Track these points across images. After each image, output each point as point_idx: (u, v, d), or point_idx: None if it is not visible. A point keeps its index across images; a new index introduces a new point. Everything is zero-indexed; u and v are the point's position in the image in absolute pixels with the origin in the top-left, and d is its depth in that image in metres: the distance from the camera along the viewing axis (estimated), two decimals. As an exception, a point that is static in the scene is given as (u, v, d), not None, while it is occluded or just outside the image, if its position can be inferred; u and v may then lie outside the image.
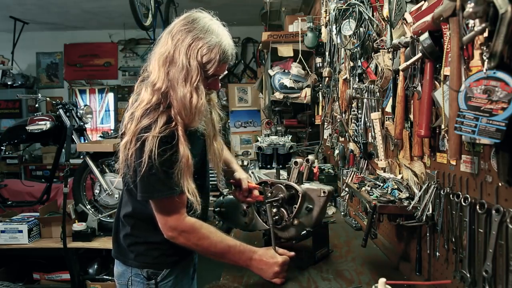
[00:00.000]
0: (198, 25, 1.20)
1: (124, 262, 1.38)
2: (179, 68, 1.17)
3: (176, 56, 1.18)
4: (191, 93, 1.18)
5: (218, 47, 1.20)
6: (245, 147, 6.08)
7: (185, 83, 1.17)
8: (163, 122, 1.17)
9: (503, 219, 0.94)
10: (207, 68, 1.21)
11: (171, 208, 1.22)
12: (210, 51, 1.19)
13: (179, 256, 1.38)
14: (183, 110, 1.18)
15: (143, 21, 3.95)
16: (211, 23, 1.23)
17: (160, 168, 1.16)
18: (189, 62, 1.17)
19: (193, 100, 1.18)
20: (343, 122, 2.44)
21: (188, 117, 1.19)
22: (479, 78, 0.90)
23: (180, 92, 1.17)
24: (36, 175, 6.32)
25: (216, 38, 1.20)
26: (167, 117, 1.18)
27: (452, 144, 1.05)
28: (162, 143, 1.15)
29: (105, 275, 3.11)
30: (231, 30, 1.32)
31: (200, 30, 1.19)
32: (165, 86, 1.19)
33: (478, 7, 0.85)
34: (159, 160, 1.15)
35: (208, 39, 1.19)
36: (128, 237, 1.37)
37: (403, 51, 1.43)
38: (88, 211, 3.03)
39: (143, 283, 1.34)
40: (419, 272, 1.45)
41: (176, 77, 1.17)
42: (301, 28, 3.45)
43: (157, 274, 1.35)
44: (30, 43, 6.51)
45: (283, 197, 1.54)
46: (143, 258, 1.35)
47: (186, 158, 1.18)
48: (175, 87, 1.18)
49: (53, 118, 3.26)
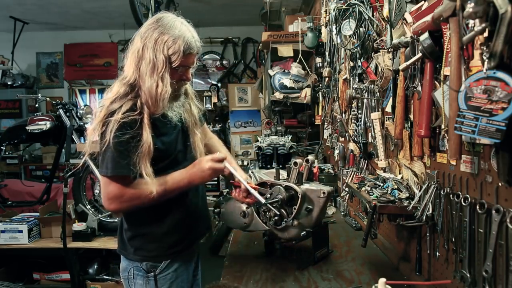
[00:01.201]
0: (163, 23, 1.33)
1: (126, 256, 1.45)
2: (147, 62, 1.30)
3: (144, 52, 1.31)
4: (157, 83, 1.30)
5: (182, 39, 1.32)
6: (245, 147, 6.07)
7: (152, 74, 1.30)
8: (127, 109, 1.29)
9: (503, 219, 0.94)
10: (172, 59, 1.32)
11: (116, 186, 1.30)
12: (174, 43, 1.31)
13: (176, 248, 1.44)
14: (150, 99, 1.30)
15: (143, 21, 3.91)
16: (174, 20, 1.35)
17: (115, 148, 1.26)
18: (156, 56, 1.30)
19: (159, 89, 1.30)
20: (343, 122, 2.44)
21: (153, 105, 1.31)
22: (479, 78, 0.90)
23: (147, 83, 1.30)
24: (36, 175, 6.31)
25: (179, 32, 1.32)
26: (131, 105, 1.30)
27: (452, 144, 1.05)
28: (122, 127, 1.26)
29: (105, 275, 3.11)
30: (232, 30, 1.37)
31: (164, 27, 1.32)
32: (133, 79, 1.33)
33: (478, 7, 0.85)
34: (116, 140, 1.25)
35: (172, 33, 1.31)
36: (127, 232, 1.46)
37: (403, 51, 1.43)
38: (88, 211, 3.03)
39: (143, 276, 1.41)
40: (419, 272, 1.45)
41: (145, 71, 1.31)
42: (301, 28, 3.44)
43: (156, 266, 1.42)
44: (30, 43, 6.50)
45: (283, 198, 1.54)
46: (142, 251, 1.42)
47: (148, 144, 1.28)
48: (144, 79, 1.31)
49: (53, 118, 3.26)
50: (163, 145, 1.38)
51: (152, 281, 1.41)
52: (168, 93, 1.33)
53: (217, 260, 3.70)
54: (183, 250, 1.47)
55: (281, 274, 1.61)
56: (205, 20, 6.05)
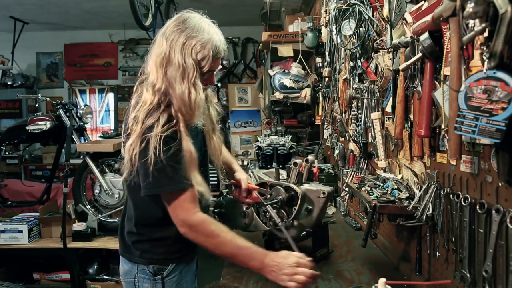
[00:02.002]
0: (190, 24, 1.25)
1: (130, 259, 1.41)
2: (176, 67, 1.22)
3: (172, 56, 1.23)
4: (189, 89, 1.22)
5: (211, 43, 1.25)
6: (245, 147, 6.07)
7: (183, 80, 1.22)
8: (164, 121, 1.21)
9: (503, 219, 0.94)
10: (202, 64, 1.26)
11: (181, 202, 1.24)
12: (203, 48, 1.24)
13: (184, 251, 1.41)
14: (183, 106, 1.22)
15: (143, 21, 3.95)
16: (201, 21, 1.28)
17: (166, 164, 1.19)
18: (185, 60, 1.22)
19: (192, 96, 1.22)
20: (343, 122, 2.44)
21: (188, 113, 1.24)
22: (479, 78, 0.90)
23: (178, 90, 1.22)
24: (36, 175, 6.31)
25: (208, 35, 1.25)
26: (168, 115, 1.23)
27: (452, 144, 1.05)
28: (165, 141, 1.19)
29: (105, 275, 3.11)
30: (232, 30, 1.35)
31: (192, 29, 1.24)
32: (164, 86, 1.24)
33: (478, 7, 0.85)
34: (165, 156, 1.18)
35: (200, 36, 1.24)
36: (132, 235, 1.40)
37: (403, 51, 1.43)
38: (88, 211, 3.03)
39: (150, 279, 1.37)
40: (419, 272, 1.45)
41: (174, 76, 1.22)
42: (301, 28, 3.44)
43: (163, 269, 1.37)
44: (30, 43, 6.50)
45: (282, 199, 1.54)
46: (149, 254, 1.38)
47: (190, 152, 1.23)
48: (173, 86, 1.22)
49: (53, 118, 3.26)
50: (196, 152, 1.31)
51: (159, 284, 1.37)
52: (203, 100, 1.26)
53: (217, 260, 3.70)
54: (189, 253, 1.45)
55: (281, 274, 1.61)
56: (205, 20, 6.04)
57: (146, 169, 1.20)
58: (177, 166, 1.21)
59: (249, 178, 1.58)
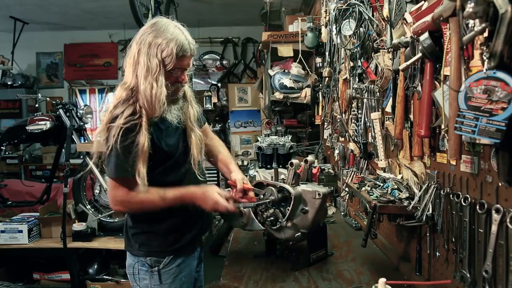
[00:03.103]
0: (156, 27, 1.37)
1: (132, 252, 1.51)
2: (142, 66, 1.35)
3: (139, 56, 1.36)
4: (152, 85, 1.34)
5: (174, 41, 1.35)
6: (245, 147, 6.06)
7: (147, 77, 1.34)
8: (128, 114, 1.34)
9: (503, 219, 0.94)
10: (166, 62, 1.36)
11: (118, 186, 1.37)
12: (167, 46, 1.34)
13: (179, 244, 1.49)
14: (146, 101, 1.35)
15: (143, 21, 3.94)
16: (168, 24, 1.39)
17: (117, 152, 1.32)
18: (149, 59, 1.34)
19: (153, 90, 1.34)
20: (343, 122, 2.44)
21: (150, 107, 1.35)
22: (479, 78, 0.90)
23: (142, 86, 1.35)
24: (36, 175, 6.31)
25: (171, 35, 1.35)
26: (132, 110, 1.35)
27: (452, 144, 1.05)
28: (124, 132, 1.31)
29: (105, 275, 3.11)
30: (232, 30, 1.38)
31: (157, 31, 1.36)
32: (133, 84, 1.38)
33: (478, 7, 0.85)
34: (119, 145, 1.31)
35: (164, 36, 1.35)
36: (130, 228, 1.51)
37: (403, 51, 1.43)
38: (88, 211, 3.03)
39: (147, 270, 1.46)
40: (419, 272, 1.45)
41: (140, 74, 1.35)
42: (301, 28, 3.44)
43: (160, 261, 1.46)
44: (30, 43, 6.50)
45: (274, 200, 1.54)
46: (146, 247, 1.47)
47: (142, 146, 1.32)
48: (140, 83, 1.35)
49: (53, 118, 3.26)
50: (167, 146, 1.43)
51: (156, 275, 1.45)
52: (163, 94, 1.36)
53: (217, 260, 3.71)
54: (185, 247, 1.51)
55: (281, 274, 1.61)
56: (205, 20, 6.05)
57: (106, 154, 1.35)
58: (127, 156, 1.32)
59: (245, 179, 1.59)
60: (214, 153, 1.72)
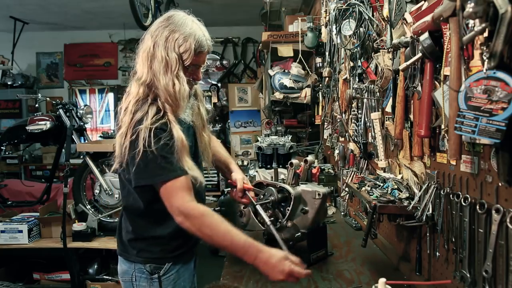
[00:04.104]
0: (173, 20, 1.31)
1: (127, 258, 1.42)
2: (159, 60, 1.28)
3: (156, 50, 1.29)
4: (173, 81, 1.28)
5: (193, 37, 1.30)
6: (245, 147, 6.06)
7: (166, 73, 1.28)
8: (153, 112, 1.26)
9: (503, 219, 0.94)
10: (184, 57, 1.30)
11: (175, 191, 1.26)
12: (185, 41, 1.29)
13: (180, 250, 1.42)
14: (169, 97, 1.28)
15: (143, 21, 3.95)
16: (185, 18, 1.33)
17: (158, 154, 1.23)
18: (167, 54, 1.28)
19: (176, 87, 1.27)
20: (343, 122, 2.44)
21: (174, 103, 1.29)
22: (479, 78, 0.90)
23: (163, 81, 1.27)
24: (36, 175, 6.31)
25: (190, 30, 1.30)
26: (156, 108, 1.28)
27: (452, 144, 1.05)
28: (155, 133, 1.23)
29: (105, 275, 3.11)
30: (232, 30, 1.37)
31: (175, 24, 1.30)
32: (149, 79, 1.29)
33: (478, 7, 0.85)
34: (155, 146, 1.22)
35: (183, 30, 1.29)
36: (128, 234, 1.42)
37: (403, 51, 1.43)
38: (88, 211, 3.03)
39: (147, 278, 1.38)
40: (419, 272, 1.45)
41: (158, 69, 1.28)
42: (301, 28, 3.44)
43: (160, 268, 1.39)
44: (30, 43, 6.49)
45: (274, 200, 1.54)
46: (145, 253, 1.39)
47: (181, 139, 1.26)
48: (158, 78, 1.28)
49: (53, 118, 3.26)
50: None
51: (156, 282, 1.38)
52: (186, 91, 1.31)
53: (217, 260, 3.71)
54: (186, 252, 1.46)
55: (281, 274, 1.61)
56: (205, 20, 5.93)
57: (136, 160, 1.23)
58: (168, 156, 1.24)
59: (245, 178, 1.58)
60: (214, 153, 1.71)
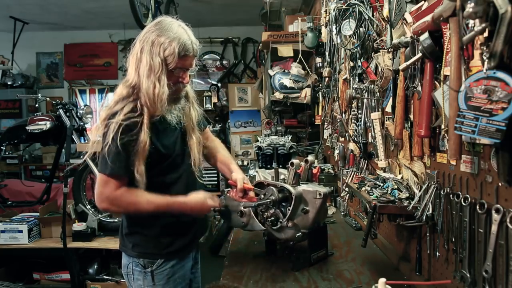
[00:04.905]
0: (161, 26, 1.37)
1: (126, 252, 1.50)
2: (144, 64, 1.35)
3: (142, 54, 1.36)
4: (154, 84, 1.34)
5: (177, 41, 1.35)
6: (245, 147, 6.06)
7: (150, 76, 1.34)
8: (128, 110, 1.34)
9: (503, 219, 0.94)
10: (168, 61, 1.35)
11: (106, 182, 1.36)
12: (169, 45, 1.34)
13: (173, 248, 1.49)
14: (148, 100, 1.34)
15: (143, 21, 3.94)
16: (171, 22, 1.39)
17: (117, 149, 1.31)
18: (152, 58, 1.34)
19: (156, 90, 1.33)
20: (343, 122, 2.44)
21: (152, 106, 1.34)
22: (479, 78, 0.90)
23: (145, 84, 1.34)
24: (36, 175, 6.31)
25: (174, 34, 1.36)
26: (132, 107, 1.35)
27: (452, 144, 1.05)
28: (123, 129, 1.31)
29: (105, 275, 3.11)
30: (232, 30, 1.38)
31: (161, 30, 1.36)
32: (134, 82, 1.37)
33: (478, 7, 0.85)
34: (118, 142, 1.30)
35: (168, 35, 1.35)
36: (125, 228, 1.52)
37: (403, 51, 1.43)
38: (88, 211, 3.03)
39: (141, 271, 1.46)
40: (419, 272, 1.45)
41: (143, 73, 1.35)
42: (301, 28, 3.44)
43: (153, 263, 1.46)
44: (30, 43, 6.50)
45: (274, 200, 1.54)
46: (139, 248, 1.47)
47: (144, 143, 1.32)
48: (142, 81, 1.35)
49: (53, 118, 3.26)
50: (163, 147, 1.42)
51: (149, 276, 1.45)
52: (165, 94, 1.36)
53: (217, 260, 3.70)
54: (178, 251, 1.51)
55: (281, 274, 1.61)
56: (205, 20, 6.05)
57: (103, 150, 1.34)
58: (124, 154, 1.32)
59: (245, 178, 1.59)
60: (214, 153, 1.72)
